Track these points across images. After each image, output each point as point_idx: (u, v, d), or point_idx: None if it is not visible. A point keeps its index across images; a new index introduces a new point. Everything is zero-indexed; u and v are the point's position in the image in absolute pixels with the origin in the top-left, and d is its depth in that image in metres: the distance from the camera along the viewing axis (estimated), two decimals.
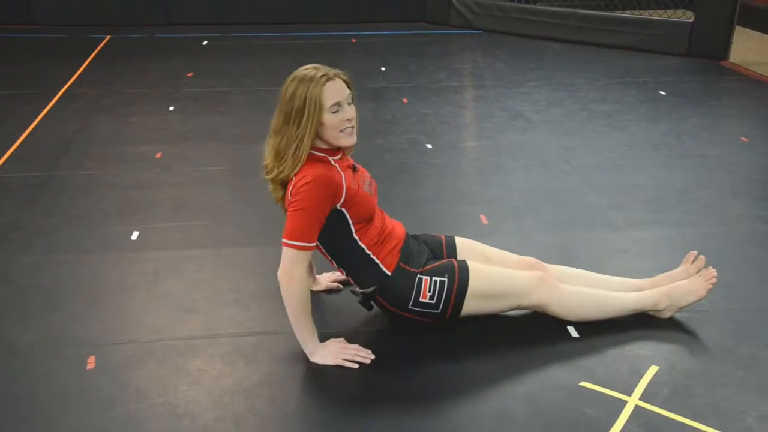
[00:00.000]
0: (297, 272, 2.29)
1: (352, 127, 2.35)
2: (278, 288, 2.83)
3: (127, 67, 6.11)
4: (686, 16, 6.67)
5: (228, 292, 2.80)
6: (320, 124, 2.30)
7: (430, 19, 7.98)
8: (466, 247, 2.62)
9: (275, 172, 2.37)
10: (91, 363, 2.37)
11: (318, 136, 2.34)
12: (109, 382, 2.28)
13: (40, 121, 4.75)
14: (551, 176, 3.99)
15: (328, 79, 2.29)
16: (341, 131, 2.33)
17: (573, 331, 2.56)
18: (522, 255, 2.67)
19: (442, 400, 2.23)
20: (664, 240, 3.28)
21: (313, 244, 2.32)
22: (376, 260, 2.43)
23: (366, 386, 2.30)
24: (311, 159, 2.35)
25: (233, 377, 2.31)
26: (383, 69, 6.14)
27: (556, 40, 7.12)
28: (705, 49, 6.48)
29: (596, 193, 3.76)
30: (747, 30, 7.17)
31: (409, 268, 2.44)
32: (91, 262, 3.03)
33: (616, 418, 2.14)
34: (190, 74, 5.91)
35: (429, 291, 2.42)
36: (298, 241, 2.28)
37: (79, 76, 5.82)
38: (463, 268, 2.44)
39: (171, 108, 5.06)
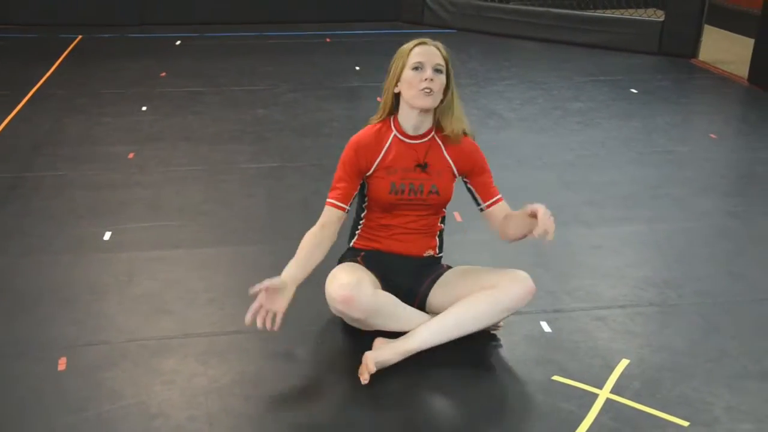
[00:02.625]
0: (320, 221, 2.39)
1: (429, 89, 2.33)
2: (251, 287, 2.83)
3: (99, 68, 6.05)
4: (657, 15, 6.76)
5: (202, 292, 2.79)
6: (402, 80, 2.37)
7: (404, 18, 8.00)
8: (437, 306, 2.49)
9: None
10: (62, 364, 2.35)
11: (403, 100, 2.39)
12: (81, 384, 2.26)
13: (9, 122, 4.69)
14: (525, 174, 4.02)
15: (422, 43, 2.40)
16: (419, 90, 2.33)
17: (546, 326, 2.59)
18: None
19: (415, 396, 2.24)
20: (636, 236, 3.32)
21: (337, 203, 2.39)
22: (356, 232, 2.55)
23: (340, 386, 2.30)
24: (385, 123, 2.46)
25: (207, 376, 2.30)
26: (357, 68, 6.14)
27: (530, 38, 7.16)
28: (675, 48, 6.56)
29: (569, 190, 3.80)
30: (715, 29, 7.28)
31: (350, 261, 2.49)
32: (63, 263, 3.00)
33: (588, 411, 2.16)
34: (163, 74, 5.87)
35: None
36: (329, 196, 2.42)
37: (49, 76, 5.76)
38: None
39: (144, 108, 5.02)
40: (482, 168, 2.51)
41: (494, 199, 2.51)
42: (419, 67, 2.35)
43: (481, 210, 2.53)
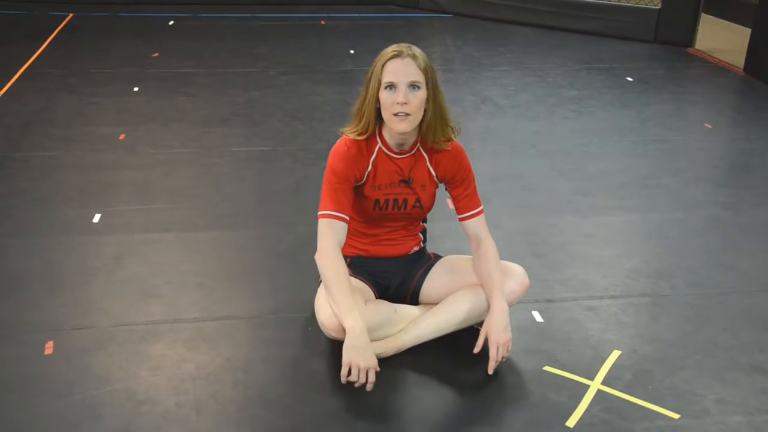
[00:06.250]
0: (320, 244, 2.25)
1: (405, 113, 2.18)
2: (240, 272, 2.82)
3: (91, 47, 5.98)
4: (653, 3, 6.72)
5: (191, 276, 2.77)
6: (378, 100, 2.23)
7: (399, 2, 7.93)
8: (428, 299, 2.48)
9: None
10: (49, 348, 2.32)
11: (383, 118, 2.25)
12: (67, 368, 2.24)
13: None
14: (518, 161, 4.00)
15: (395, 56, 2.20)
16: (392, 114, 2.19)
17: (537, 316, 2.57)
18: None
19: (404, 385, 2.23)
20: (628, 225, 3.31)
21: (332, 213, 2.24)
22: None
23: (329, 373, 2.28)
24: (370, 138, 2.29)
25: (195, 362, 2.28)
26: (352, 52, 6.09)
27: (526, 24, 7.12)
28: (671, 36, 6.53)
29: (563, 179, 3.78)
30: (712, 17, 7.25)
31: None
32: (51, 245, 2.97)
33: (579, 403, 2.15)
34: (156, 55, 5.81)
35: None
36: (319, 209, 2.26)
37: (40, 54, 5.69)
38: None
39: (135, 89, 4.97)
40: (463, 179, 2.38)
41: (468, 214, 2.40)
42: (392, 87, 2.18)
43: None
